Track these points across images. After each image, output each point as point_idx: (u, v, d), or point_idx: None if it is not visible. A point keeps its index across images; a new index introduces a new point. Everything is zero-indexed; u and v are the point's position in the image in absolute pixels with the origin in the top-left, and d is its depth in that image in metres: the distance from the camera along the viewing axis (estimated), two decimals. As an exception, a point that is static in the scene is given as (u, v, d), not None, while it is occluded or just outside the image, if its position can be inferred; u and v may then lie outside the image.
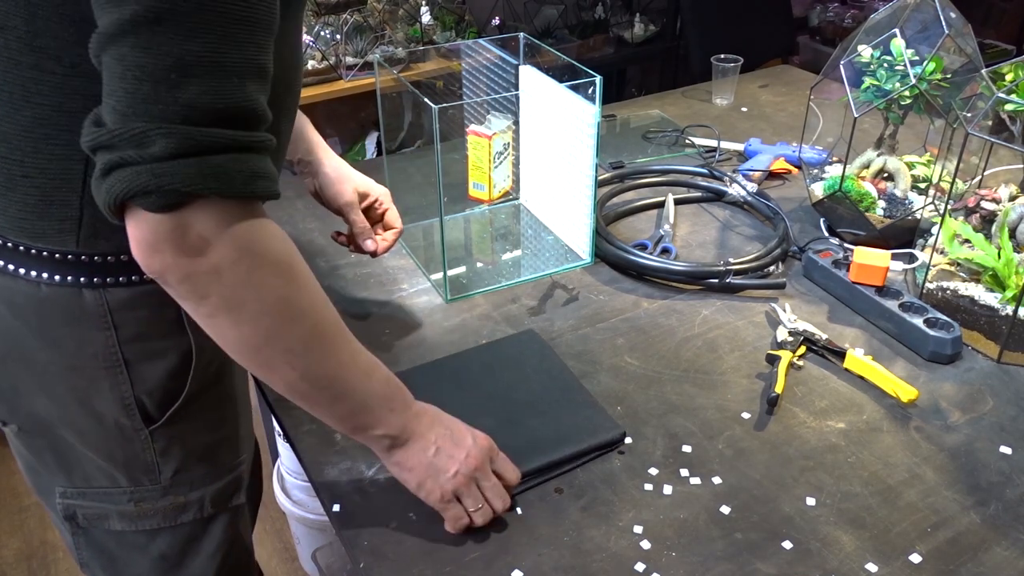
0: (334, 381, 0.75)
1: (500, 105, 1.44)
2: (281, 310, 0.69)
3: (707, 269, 1.26)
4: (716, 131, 1.73)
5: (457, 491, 0.83)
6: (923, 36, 1.30)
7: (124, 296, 0.78)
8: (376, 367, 0.79)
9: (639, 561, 0.84)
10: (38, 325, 0.78)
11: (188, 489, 0.88)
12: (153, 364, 0.81)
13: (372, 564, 0.84)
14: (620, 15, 3.35)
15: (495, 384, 1.04)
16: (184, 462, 0.87)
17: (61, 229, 0.75)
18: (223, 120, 0.61)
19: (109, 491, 0.86)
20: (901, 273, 1.29)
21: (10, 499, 2.15)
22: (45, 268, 0.76)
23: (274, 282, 0.68)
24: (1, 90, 0.69)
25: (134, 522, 0.88)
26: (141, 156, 0.60)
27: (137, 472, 0.85)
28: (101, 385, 0.80)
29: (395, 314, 1.21)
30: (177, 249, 0.63)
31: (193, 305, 0.68)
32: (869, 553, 0.85)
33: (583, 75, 1.17)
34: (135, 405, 0.82)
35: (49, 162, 0.71)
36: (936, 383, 1.08)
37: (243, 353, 0.71)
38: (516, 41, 1.35)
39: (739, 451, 0.97)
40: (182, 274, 0.65)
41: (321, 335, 0.73)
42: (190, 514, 0.89)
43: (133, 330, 0.79)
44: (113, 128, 0.60)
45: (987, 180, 1.28)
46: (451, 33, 2.88)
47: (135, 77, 0.59)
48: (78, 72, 0.67)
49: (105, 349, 0.79)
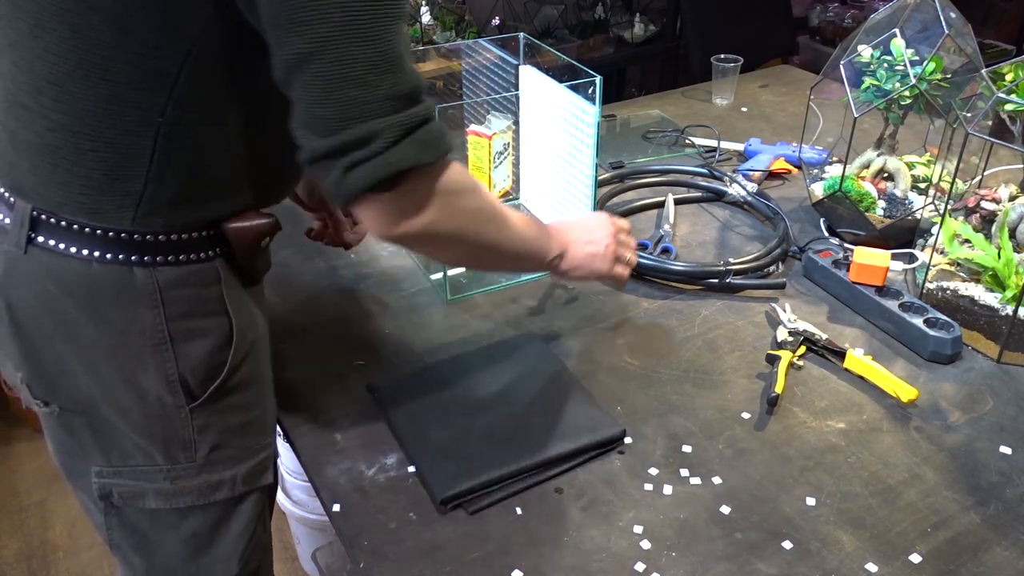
0: (519, 244, 0.93)
1: (500, 105, 1.44)
2: (478, 218, 0.86)
3: (707, 269, 1.26)
4: (716, 131, 1.73)
5: (616, 257, 1.06)
6: (923, 36, 1.30)
7: (172, 275, 0.81)
8: (527, 219, 0.96)
9: (639, 561, 0.84)
10: (88, 303, 0.80)
11: (222, 467, 0.90)
12: (196, 343, 0.84)
13: (372, 564, 0.84)
14: (620, 15, 3.35)
15: (495, 384, 1.05)
16: (219, 440, 0.88)
17: (121, 205, 0.77)
18: (410, 101, 0.73)
19: (146, 469, 0.88)
20: (901, 273, 1.29)
21: (10, 499, 2.15)
22: (97, 247, 0.79)
23: (468, 202, 0.84)
24: (79, 67, 0.72)
25: (169, 499, 0.89)
26: (370, 153, 0.71)
27: (175, 450, 0.87)
28: (147, 362, 0.82)
29: (395, 314, 1.21)
30: (407, 215, 0.77)
31: (430, 248, 0.86)
32: (869, 553, 0.85)
33: (583, 75, 1.18)
34: (178, 382, 0.84)
35: (120, 137, 0.75)
36: (936, 383, 1.08)
37: (465, 258, 0.95)
38: (516, 41, 1.35)
39: (739, 451, 0.97)
40: (418, 231, 0.78)
41: (500, 217, 0.89)
42: (223, 492, 0.91)
43: (180, 308, 0.82)
44: (338, 137, 0.71)
45: (987, 180, 1.28)
46: (451, 33, 2.88)
47: (339, 87, 0.69)
48: (157, 54, 0.72)
49: (153, 327, 0.81)
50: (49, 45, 0.72)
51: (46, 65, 0.73)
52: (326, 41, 0.67)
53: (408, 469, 0.95)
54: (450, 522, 0.89)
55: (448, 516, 0.89)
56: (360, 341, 1.16)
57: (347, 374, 1.09)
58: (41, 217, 0.78)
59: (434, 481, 0.91)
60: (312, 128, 0.72)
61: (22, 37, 0.73)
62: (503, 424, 0.98)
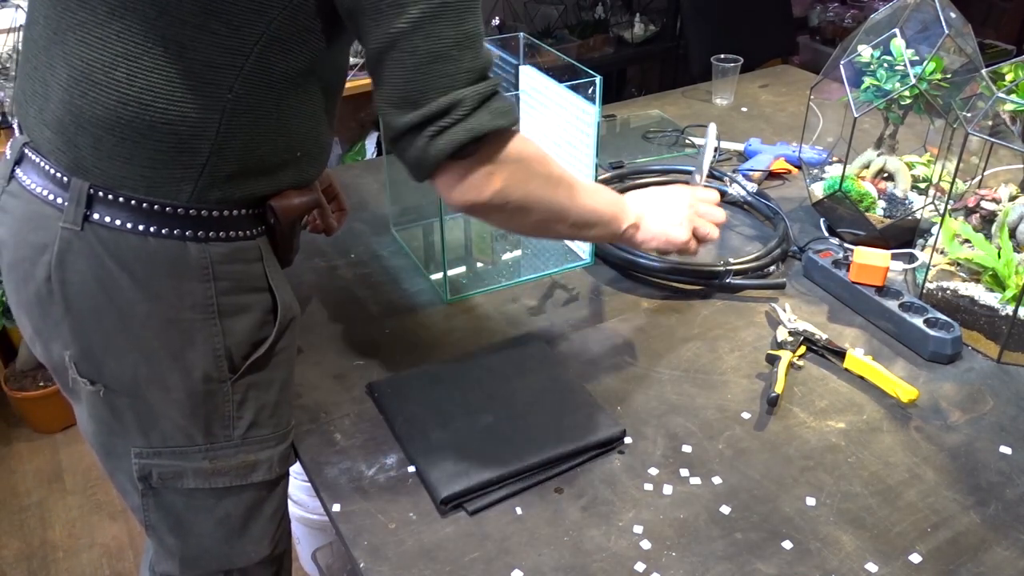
0: (591, 213, 0.96)
1: (500, 105, 1.43)
2: (548, 185, 0.90)
3: (707, 269, 1.26)
4: (716, 131, 1.73)
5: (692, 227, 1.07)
6: (923, 36, 1.30)
7: (223, 251, 0.85)
8: (599, 187, 1.01)
9: (639, 561, 0.84)
10: (143, 278, 0.83)
11: (259, 448, 0.93)
12: (242, 317, 0.88)
13: (372, 564, 0.84)
14: (620, 15, 3.35)
15: (495, 384, 1.05)
16: (257, 417, 0.92)
17: (183, 177, 0.81)
18: (483, 75, 0.80)
19: (185, 449, 0.90)
20: (901, 273, 1.29)
21: (10, 499, 2.15)
22: (154, 222, 0.82)
23: (537, 169, 0.89)
24: (158, 43, 0.76)
25: (208, 479, 0.92)
26: (453, 119, 0.78)
27: (215, 427, 0.90)
28: (195, 337, 0.86)
29: (395, 314, 1.21)
30: (483, 180, 0.83)
31: (499, 214, 0.87)
32: (869, 553, 0.85)
33: (583, 75, 1.18)
34: (224, 355, 0.87)
35: (192, 111, 0.78)
36: (936, 383, 1.08)
37: (535, 227, 0.93)
38: (516, 41, 1.35)
39: (739, 451, 0.97)
40: (489, 196, 0.83)
41: (571, 187, 0.93)
42: (260, 474, 0.93)
43: (228, 283, 0.86)
44: (423, 109, 0.78)
45: (987, 180, 1.28)
46: (451, 33, 2.87)
47: (428, 61, 0.76)
48: (238, 34, 0.76)
49: (204, 300, 0.85)
50: (132, 24, 0.76)
51: (123, 43, 0.76)
52: (421, 19, 0.74)
53: (408, 469, 0.95)
54: (450, 522, 0.89)
55: (448, 516, 0.89)
56: (360, 341, 1.16)
57: (347, 374, 1.09)
58: (98, 194, 0.81)
59: (434, 481, 0.91)
60: (399, 104, 0.78)
61: (98, 17, 0.77)
62: (503, 424, 0.98)
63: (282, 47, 0.79)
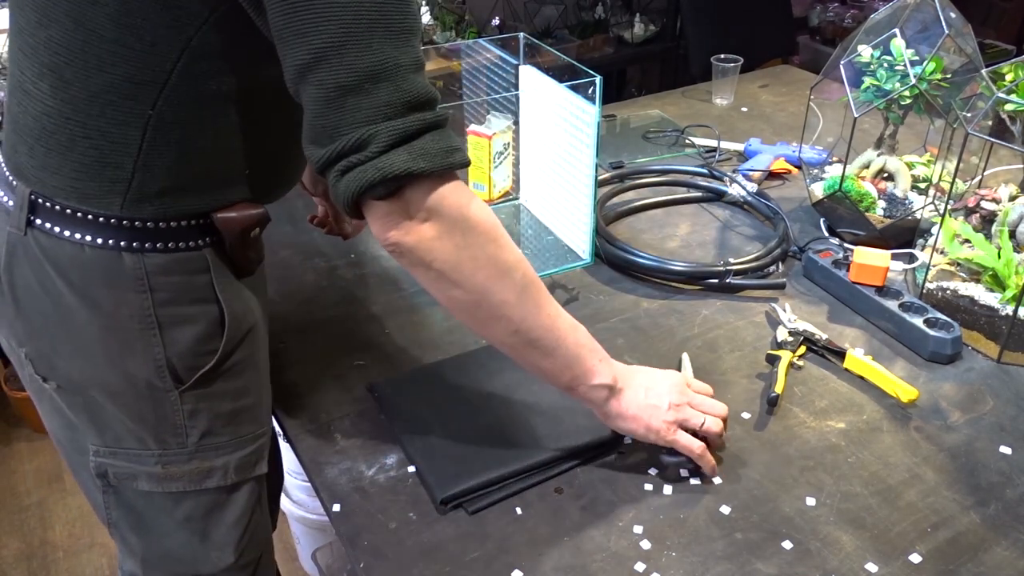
0: (547, 331, 0.84)
1: (500, 105, 1.44)
2: (493, 266, 0.80)
3: (707, 269, 1.26)
4: (716, 131, 1.73)
5: (678, 420, 0.90)
6: (923, 36, 1.30)
7: (160, 261, 0.83)
8: (577, 324, 0.88)
9: (639, 561, 0.84)
10: (80, 285, 0.82)
11: (214, 455, 0.91)
12: (184, 328, 0.85)
13: (372, 564, 0.84)
14: (620, 15, 3.35)
15: (495, 384, 1.05)
16: (210, 427, 0.90)
17: (110, 191, 0.79)
18: (411, 108, 0.73)
19: (138, 453, 0.89)
20: (901, 273, 1.29)
21: (10, 499, 2.15)
22: (89, 231, 0.81)
23: (483, 242, 0.79)
24: (79, 58, 0.75)
25: (161, 483, 0.90)
26: (363, 157, 0.72)
27: (165, 435, 0.88)
28: (135, 346, 0.84)
29: (395, 314, 1.21)
30: (405, 225, 0.76)
31: (423, 272, 0.79)
32: (869, 553, 0.85)
33: (583, 75, 1.18)
34: (166, 367, 0.85)
35: (111, 126, 0.77)
36: (936, 383, 1.08)
37: (466, 311, 0.82)
38: (516, 41, 1.35)
39: (739, 451, 0.97)
40: (411, 244, 0.76)
41: (529, 288, 0.83)
42: (215, 480, 0.92)
43: (167, 294, 0.84)
44: (335, 144, 0.72)
45: (987, 180, 1.28)
46: (451, 33, 2.88)
47: (337, 96, 0.70)
48: (155, 50, 0.74)
49: (141, 311, 0.83)
50: (54, 35, 0.74)
51: (49, 54, 0.75)
52: (325, 50, 0.69)
53: (408, 469, 0.95)
54: (450, 522, 0.89)
55: (448, 516, 0.89)
56: (360, 341, 1.16)
57: (347, 374, 1.09)
58: (39, 201, 0.81)
59: (434, 481, 0.91)
60: (315, 140, 0.74)
61: (30, 25, 0.76)
62: (503, 424, 0.98)
63: (210, 64, 0.76)
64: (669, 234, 1.42)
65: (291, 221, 1.45)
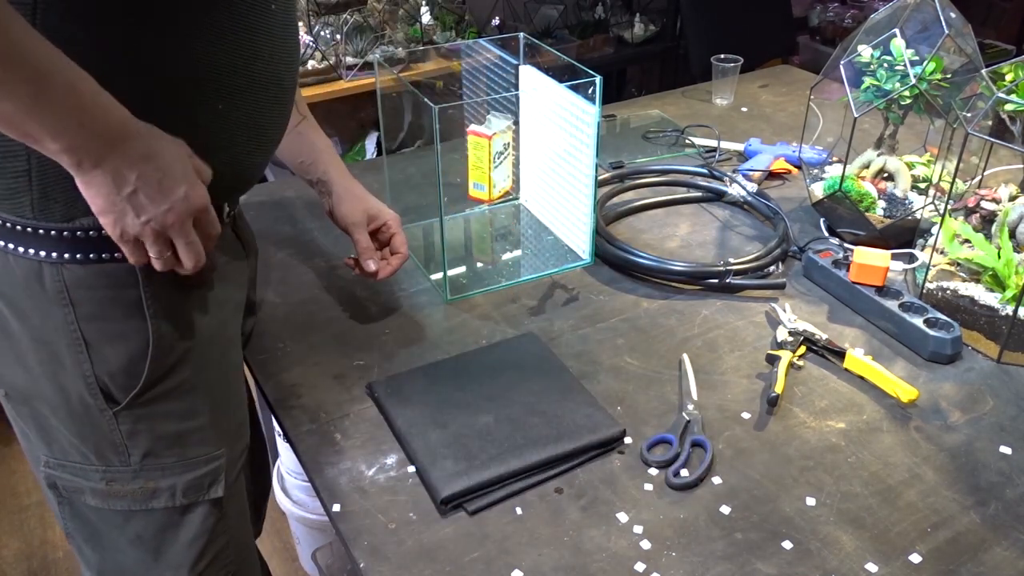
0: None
1: (500, 105, 1.44)
2: None
3: (707, 269, 1.26)
4: (716, 131, 1.73)
5: (141, 237, 0.75)
6: (923, 36, 1.30)
7: (81, 274, 0.79)
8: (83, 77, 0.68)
9: (639, 561, 0.84)
10: (9, 295, 0.80)
11: (159, 475, 0.88)
12: (114, 346, 0.82)
13: (372, 564, 0.84)
14: (620, 15, 3.35)
15: (495, 384, 1.05)
16: (153, 447, 0.87)
17: (16, 189, 0.76)
18: None
19: (84, 467, 0.87)
20: (901, 273, 1.29)
21: (10, 499, 2.15)
22: (10, 240, 0.78)
23: None
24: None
25: (106, 500, 0.88)
26: None
27: (107, 452, 0.86)
28: (64, 362, 0.81)
29: (395, 314, 1.21)
30: None
31: None
32: (869, 553, 0.85)
33: (583, 75, 1.17)
34: (96, 386, 0.82)
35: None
36: (936, 383, 1.08)
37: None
38: (516, 41, 1.35)
39: (739, 451, 0.97)
40: None
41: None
42: (161, 501, 0.89)
43: (91, 309, 0.80)
44: None
45: (987, 180, 1.28)
46: (451, 33, 2.88)
47: None
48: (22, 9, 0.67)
49: (65, 326, 0.80)
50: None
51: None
52: None
53: (408, 469, 0.95)
54: (450, 522, 0.89)
55: (448, 516, 0.89)
56: (360, 341, 1.16)
57: (347, 374, 1.09)
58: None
59: (434, 481, 0.91)
60: None
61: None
62: (503, 424, 0.98)
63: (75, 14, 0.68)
64: (669, 234, 1.42)
65: (291, 221, 1.45)
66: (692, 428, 1.00)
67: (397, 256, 1.16)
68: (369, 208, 1.15)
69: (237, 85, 0.80)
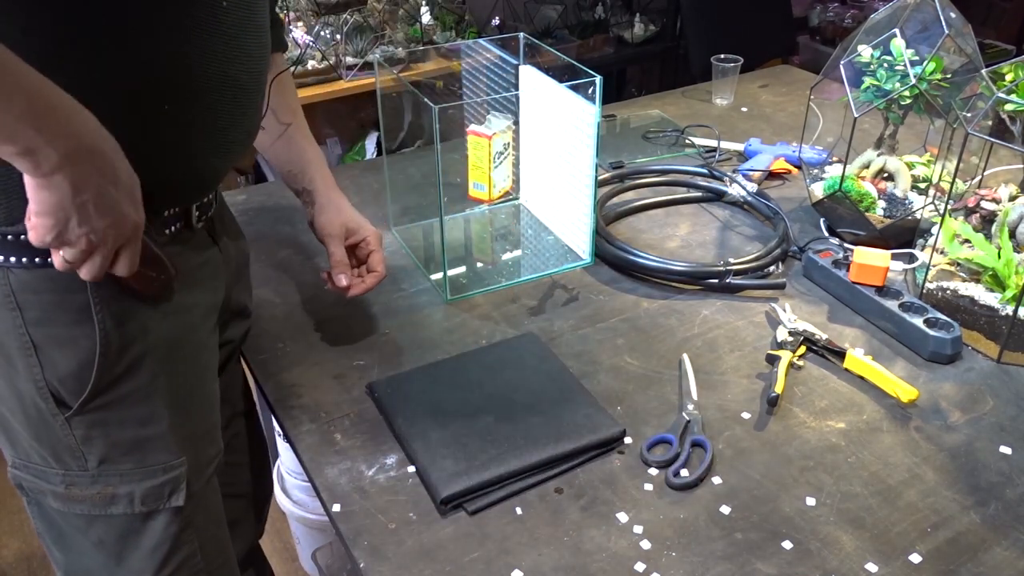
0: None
1: (500, 105, 1.44)
2: None
3: (707, 269, 1.26)
4: (716, 131, 1.73)
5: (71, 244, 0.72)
6: (923, 36, 1.30)
7: (26, 278, 0.78)
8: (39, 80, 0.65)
9: (639, 561, 0.84)
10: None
11: (117, 481, 0.87)
12: (63, 351, 0.81)
13: (372, 564, 0.84)
14: (620, 15, 3.35)
15: (495, 384, 1.05)
16: (109, 453, 0.86)
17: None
18: None
19: (44, 470, 0.87)
20: (901, 273, 1.29)
21: (10, 499, 2.15)
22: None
23: None
24: None
25: (67, 504, 0.88)
26: None
27: (64, 456, 0.85)
28: (17, 364, 0.81)
29: (395, 314, 1.21)
30: None
31: None
32: (869, 553, 0.85)
33: (583, 75, 1.18)
34: (47, 391, 0.81)
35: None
36: (936, 383, 1.08)
37: None
38: (516, 41, 1.35)
39: (739, 451, 0.97)
40: None
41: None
42: (120, 507, 0.88)
43: (38, 313, 0.79)
44: None
45: (987, 180, 1.28)
46: (451, 33, 2.88)
47: None
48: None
49: (14, 329, 0.79)
50: None
51: None
52: None
53: (408, 469, 0.95)
54: (450, 522, 0.89)
55: (448, 516, 0.89)
56: (360, 341, 1.16)
57: (347, 374, 1.09)
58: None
59: (434, 481, 0.91)
60: None
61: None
62: (503, 424, 0.98)
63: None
64: (669, 234, 1.42)
65: (291, 221, 1.45)
66: (692, 428, 1.00)
67: (373, 275, 1.12)
68: (348, 221, 1.13)
69: (187, 87, 0.78)
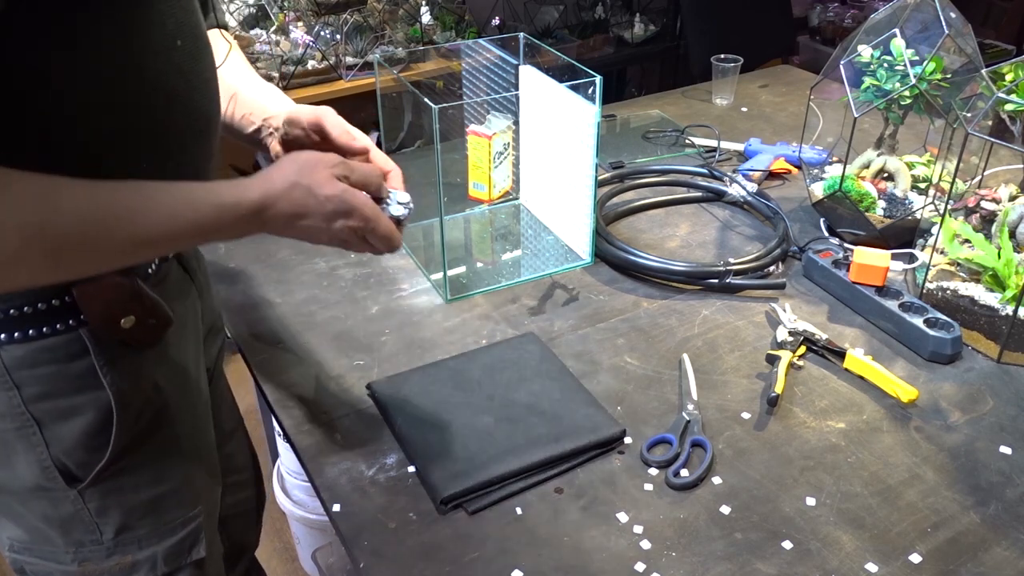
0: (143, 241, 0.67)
1: (500, 105, 1.44)
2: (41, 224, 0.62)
3: (707, 269, 1.26)
4: (716, 131, 1.73)
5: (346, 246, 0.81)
6: (923, 36, 1.30)
7: (20, 354, 0.73)
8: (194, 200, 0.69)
9: (639, 561, 0.84)
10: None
11: (136, 548, 0.83)
12: (68, 423, 0.77)
13: (372, 564, 0.84)
14: (620, 15, 3.35)
15: (495, 384, 1.05)
16: (126, 520, 0.82)
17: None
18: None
19: (52, 550, 0.82)
20: (901, 273, 1.29)
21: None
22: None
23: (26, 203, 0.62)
24: None
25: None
26: None
27: (76, 533, 0.81)
28: (15, 447, 0.76)
29: (395, 314, 1.21)
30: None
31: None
32: (869, 553, 0.85)
33: (583, 75, 1.17)
34: (54, 468, 0.77)
35: None
36: (936, 383, 1.08)
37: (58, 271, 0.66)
38: (516, 41, 1.35)
39: (739, 451, 0.97)
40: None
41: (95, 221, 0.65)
42: (141, 574, 0.84)
43: (37, 389, 0.75)
44: None
45: (987, 180, 1.28)
46: (451, 33, 2.87)
47: None
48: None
49: (11, 410, 0.75)
50: None
51: None
52: None
53: (408, 469, 0.95)
54: (450, 522, 0.89)
55: (448, 516, 0.89)
56: (360, 341, 1.16)
57: (347, 374, 1.09)
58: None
59: (434, 481, 0.91)
60: None
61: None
62: (503, 424, 0.98)
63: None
64: (669, 234, 1.42)
65: (291, 221, 1.45)
66: (692, 428, 1.00)
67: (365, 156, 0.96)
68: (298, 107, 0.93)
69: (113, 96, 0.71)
